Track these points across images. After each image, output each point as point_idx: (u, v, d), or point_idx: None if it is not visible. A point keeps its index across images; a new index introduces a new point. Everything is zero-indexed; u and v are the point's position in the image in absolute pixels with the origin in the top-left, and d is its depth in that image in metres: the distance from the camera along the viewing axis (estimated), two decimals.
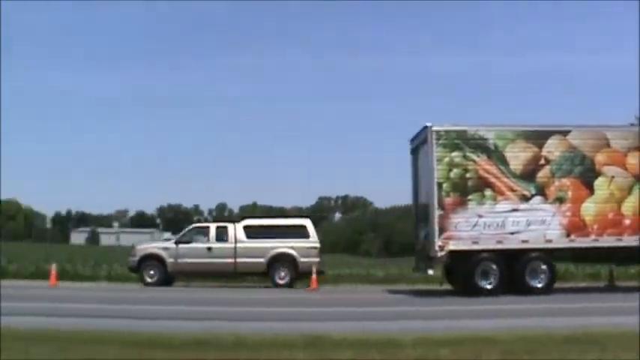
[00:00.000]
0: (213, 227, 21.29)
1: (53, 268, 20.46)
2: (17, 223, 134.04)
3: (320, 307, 14.26)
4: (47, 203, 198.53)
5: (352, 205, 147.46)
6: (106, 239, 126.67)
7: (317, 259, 20.12)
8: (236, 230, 20.63)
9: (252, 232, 20.75)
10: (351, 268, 29.64)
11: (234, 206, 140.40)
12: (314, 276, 19.66)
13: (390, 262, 44.29)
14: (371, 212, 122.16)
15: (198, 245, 20.58)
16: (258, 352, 7.31)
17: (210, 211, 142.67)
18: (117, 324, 9.90)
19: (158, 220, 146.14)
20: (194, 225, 23.33)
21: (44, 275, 21.18)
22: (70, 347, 7.42)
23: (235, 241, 20.38)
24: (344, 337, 8.24)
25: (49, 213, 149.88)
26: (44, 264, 24.27)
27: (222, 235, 20.64)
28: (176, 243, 20.96)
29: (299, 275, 20.25)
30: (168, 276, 20.57)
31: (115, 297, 16.50)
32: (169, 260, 20.38)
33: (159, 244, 22.82)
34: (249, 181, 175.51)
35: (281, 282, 20.04)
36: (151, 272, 20.43)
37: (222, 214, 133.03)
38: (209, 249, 20.41)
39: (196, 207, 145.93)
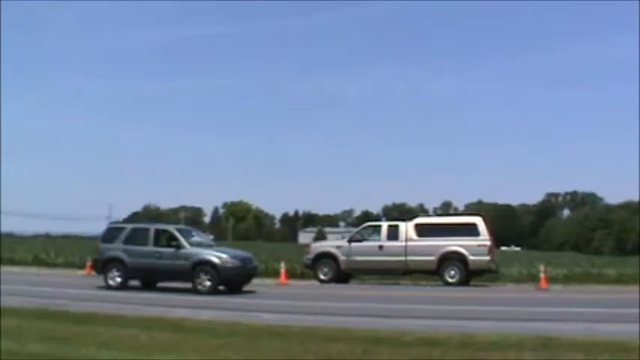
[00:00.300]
0: (385, 226, 21.38)
1: (282, 267, 21.26)
2: (248, 224, 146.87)
3: (548, 306, 14.03)
4: (275, 204, 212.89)
5: (581, 201, 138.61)
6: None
7: (488, 258, 19.72)
8: (407, 229, 20.62)
9: (423, 231, 20.57)
10: (581, 266, 28.19)
11: (460, 204, 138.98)
12: (542, 275, 19.29)
13: (623, 261, 41.05)
14: (602, 208, 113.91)
15: (370, 243, 20.78)
16: (486, 351, 7.61)
17: (434, 210, 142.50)
18: (343, 321, 10.67)
19: (383, 219, 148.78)
20: (367, 224, 23.31)
21: (275, 274, 22.02)
22: (301, 343, 8.20)
23: (406, 240, 20.40)
24: (572, 339, 8.26)
25: (278, 214, 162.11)
26: (274, 263, 24.93)
27: (393, 233, 20.70)
28: (349, 241, 21.29)
29: (470, 273, 19.85)
30: (342, 273, 20.84)
31: (335, 294, 16.94)
32: (342, 258, 20.77)
33: (333, 242, 23.15)
34: (474, 179, 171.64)
35: (451, 280, 19.64)
36: (325, 270, 20.92)
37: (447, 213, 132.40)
38: (380, 247, 20.54)
39: (421, 205, 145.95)
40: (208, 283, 16.29)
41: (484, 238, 19.92)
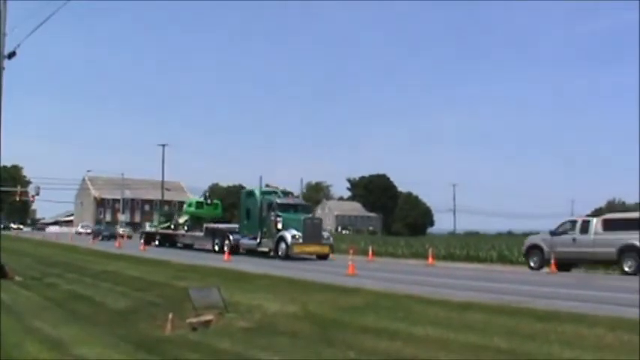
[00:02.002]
0: (579, 221, 23.67)
1: None
2: None
3: None
4: None
5: None
6: None
7: None
8: (596, 223, 22.72)
9: (609, 225, 22.50)
10: None
11: None
12: None
13: None
14: None
15: (567, 236, 23.33)
16: None
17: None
18: None
19: None
20: (568, 219, 25.12)
21: None
22: None
23: (594, 233, 22.43)
24: None
25: None
26: None
27: (585, 227, 22.91)
28: (551, 234, 24.10)
29: None
30: (547, 262, 23.51)
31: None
32: (546, 249, 23.84)
33: (542, 235, 25.15)
34: None
35: (628, 270, 21.19)
36: (535, 258, 24.30)
37: None
38: (574, 240, 22.99)
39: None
40: None
41: None
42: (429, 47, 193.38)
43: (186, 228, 38.83)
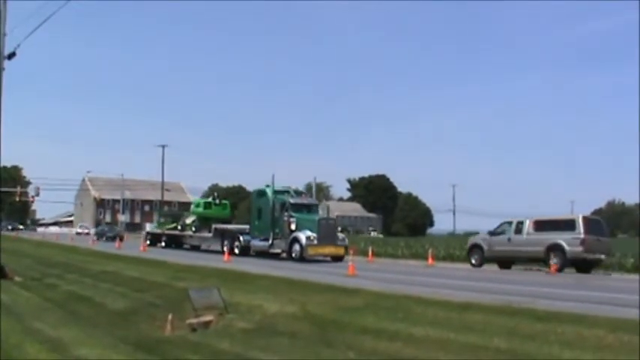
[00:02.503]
0: (515, 222, 25.34)
1: None
2: None
3: None
4: None
5: None
6: None
7: (580, 249, 22.84)
8: (528, 224, 24.62)
9: (539, 226, 24.39)
10: None
11: None
12: None
13: None
14: None
15: (504, 236, 25.26)
16: None
17: None
18: None
19: None
20: (504, 221, 26.56)
21: None
22: None
23: (526, 233, 24.45)
24: None
25: None
26: None
27: (519, 228, 24.81)
28: (490, 234, 26.25)
29: (567, 262, 23.19)
30: (486, 260, 25.70)
31: None
32: (485, 248, 25.85)
33: (482, 235, 27.17)
34: None
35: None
36: (476, 257, 26.30)
37: None
38: (509, 239, 24.89)
39: None
40: None
41: (578, 232, 23.05)
42: (428, 48, 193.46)
43: (193, 229, 37.80)
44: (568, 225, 23.75)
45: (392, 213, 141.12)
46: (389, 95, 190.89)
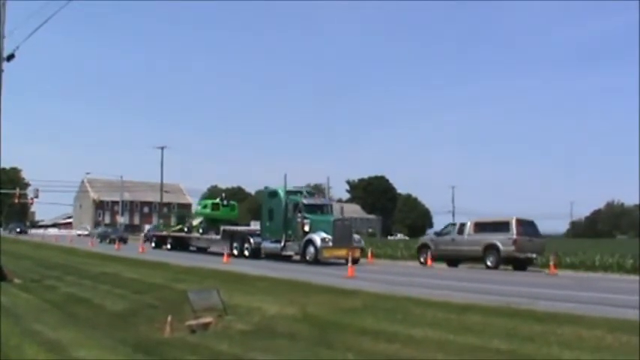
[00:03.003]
0: (458, 224, 28.32)
1: None
2: None
3: None
4: None
5: None
6: None
7: (513, 248, 25.20)
8: (469, 226, 27.24)
9: (479, 228, 26.97)
10: None
11: None
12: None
13: None
14: None
15: (448, 237, 27.84)
16: None
17: None
18: None
19: None
20: (450, 222, 29.79)
21: None
22: None
23: (467, 234, 26.97)
24: None
25: None
26: None
27: (461, 229, 27.48)
28: (436, 235, 29.41)
29: (501, 260, 25.59)
30: (434, 258, 28.01)
31: None
32: (432, 247, 28.41)
33: (430, 236, 30.31)
34: None
35: (490, 264, 25.69)
36: (424, 255, 28.52)
37: None
38: (452, 239, 27.48)
39: None
40: None
41: (512, 233, 25.31)
42: (428, 48, 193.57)
43: (201, 231, 36.84)
44: (503, 227, 25.97)
45: (391, 214, 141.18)
46: (388, 96, 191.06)
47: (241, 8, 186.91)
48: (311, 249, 26.29)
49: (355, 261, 25.85)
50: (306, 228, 26.91)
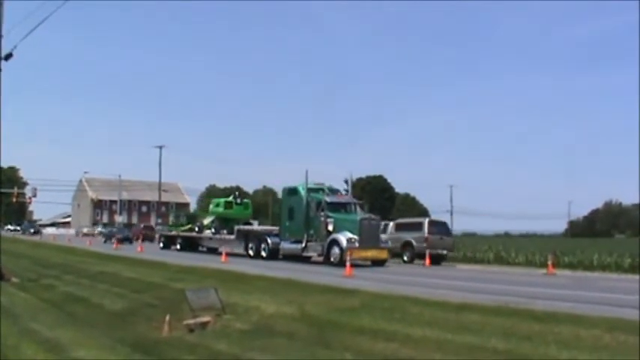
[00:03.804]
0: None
1: None
2: None
3: None
4: None
5: None
6: None
7: (425, 245, 28.58)
8: (392, 226, 31.30)
9: (399, 227, 31.12)
10: None
11: None
12: None
13: None
14: None
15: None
16: None
17: None
18: None
19: None
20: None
21: None
22: None
23: (389, 233, 29.99)
24: None
25: None
26: None
27: (385, 229, 30.23)
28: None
29: (415, 255, 29.11)
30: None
31: None
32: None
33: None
34: None
35: (406, 259, 29.34)
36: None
37: None
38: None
39: None
40: None
41: (424, 232, 29.10)
42: (427, 48, 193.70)
43: (213, 230, 35.08)
44: (417, 226, 30.05)
45: (389, 214, 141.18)
46: (386, 96, 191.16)
47: (240, 8, 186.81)
48: (336, 250, 24.84)
49: (382, 263, 25.42)
50: (330, 227, 25.54)
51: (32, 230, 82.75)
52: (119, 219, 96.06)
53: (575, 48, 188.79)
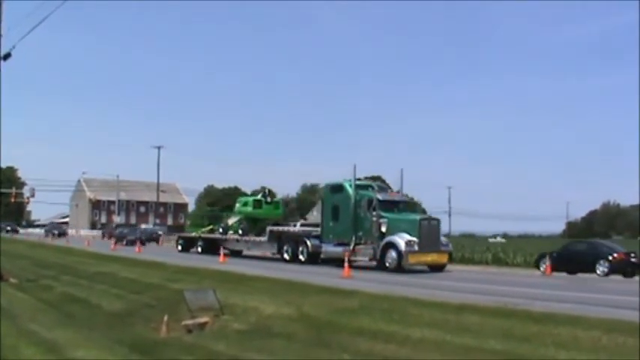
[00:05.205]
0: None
1: None
2: None
3: None
4: None
5: None
6: None
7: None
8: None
9: None
10: None
11: None
12: None
13: None
14: None
15: None
16: None
17: None
18: None
19: None
20: None
21: None
22: None
23: None
24: None
25: None
26: None
27: None
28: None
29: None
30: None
31: None
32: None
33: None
34: None
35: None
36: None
37: None
38: None
39: None
40: None
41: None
42: (427, 48, 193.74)
43: (240, 231, 31.73)
44: None
45: None
46: (385, 96, 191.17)
47: (239, 8, 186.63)
48: (392, 254, 22.14)
49: (441, 268, 22.86)
50: (383, 229, 22.86)
51: (56, 232, 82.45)
52: (117, 219, 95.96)
53: (575, 48, 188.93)
